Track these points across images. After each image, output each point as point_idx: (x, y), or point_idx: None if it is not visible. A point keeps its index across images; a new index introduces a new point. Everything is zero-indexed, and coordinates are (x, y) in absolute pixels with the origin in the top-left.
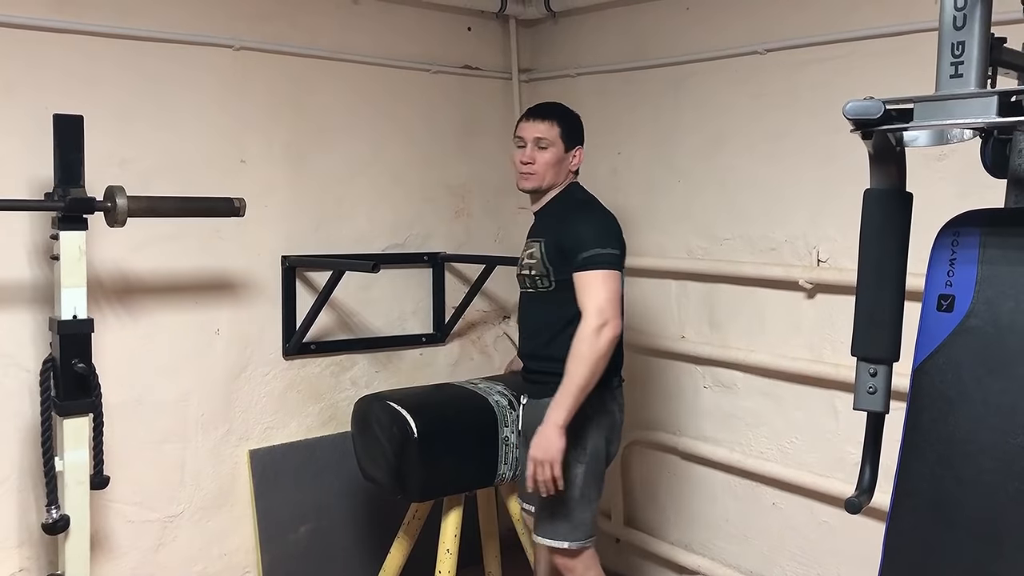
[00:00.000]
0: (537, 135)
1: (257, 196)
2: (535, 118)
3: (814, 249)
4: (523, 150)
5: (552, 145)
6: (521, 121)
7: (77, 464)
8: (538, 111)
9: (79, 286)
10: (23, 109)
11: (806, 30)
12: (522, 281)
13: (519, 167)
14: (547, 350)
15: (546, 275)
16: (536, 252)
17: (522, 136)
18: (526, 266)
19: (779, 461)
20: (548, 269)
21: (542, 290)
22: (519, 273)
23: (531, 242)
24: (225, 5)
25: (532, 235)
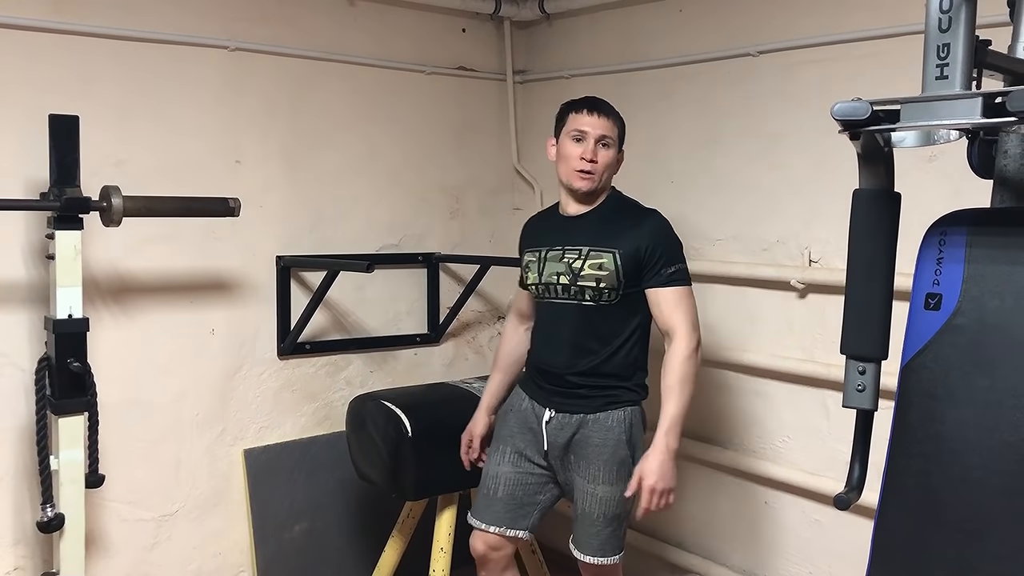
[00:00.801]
0: (603, 132)
1: (252, 196)
2: (599, 113)
3: (806, 249)
4: (581, 145)
5: (613, 145)
6: (578, 113)
7: (72, 463)
8: (600, 106)
9: (74, 285)
10: (20, 109)
11: (799, 32)
12: (573, 292)
13: (575, 164)
14: (606, 366)
15: (617, 288)
16: (609, 263)
17: (583, 131)
18: (589, 276)
19: (771, 460)
20: (621, 281)
21: (604, 303)
22: (564, 283)
23: (594, 251)
24: (221, 6)
25: (581, 242)
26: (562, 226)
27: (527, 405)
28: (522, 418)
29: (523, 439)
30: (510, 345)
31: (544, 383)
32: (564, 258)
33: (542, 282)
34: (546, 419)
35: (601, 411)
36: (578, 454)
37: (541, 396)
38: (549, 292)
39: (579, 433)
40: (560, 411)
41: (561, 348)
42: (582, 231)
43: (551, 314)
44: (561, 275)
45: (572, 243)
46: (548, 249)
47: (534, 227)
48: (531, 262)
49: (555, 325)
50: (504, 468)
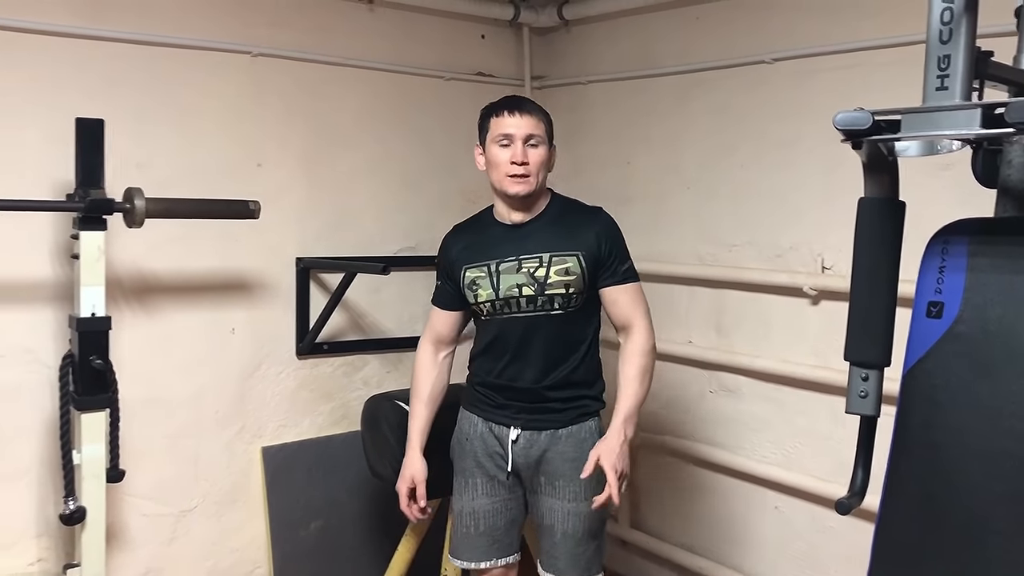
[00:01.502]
0: (529, 131)
1: (272, 199)
2: (521, 112)
3: (819, 256)
4: (509, 150)
5: (543, 143)
6: (499, 116)
7: (94, 458)
8: (521, 105)
9: (98, 285)
10: (47, 112)
11: (814, 39)
12: (540, 302)
13: (507, 169)
14: (575, 375)
15: (583, 291)
16: (575, 266)
17: (508, 133)
18: (558, 283)
19: (782, 465)
20: (587, 283)
21: (572, 309)
22: (529, 294)
23: (556, 256)
24: (243, 13)
25: (538, 248)
26: (509, 235)
27: (483, 428)
28: (481, 443)
29: (492, 466)
30: (429, 377)
31: (507, 400)
32: (522, 268)
33: (500, 297)
34: (512, 438)
35: (573, 424)
36: (550, 473)
37: (503, 415)
38: (509, 307)
39: (550, 450)
40: (528, 428)
41: (529, 363)
42: (536, 238)
43: (512, 330)
44: (523, 286)
45: (527, 251)
46: (499, 261)
47: (466, 240)
48: (479, 278)
49: (520, 340)
50: (480, 502)
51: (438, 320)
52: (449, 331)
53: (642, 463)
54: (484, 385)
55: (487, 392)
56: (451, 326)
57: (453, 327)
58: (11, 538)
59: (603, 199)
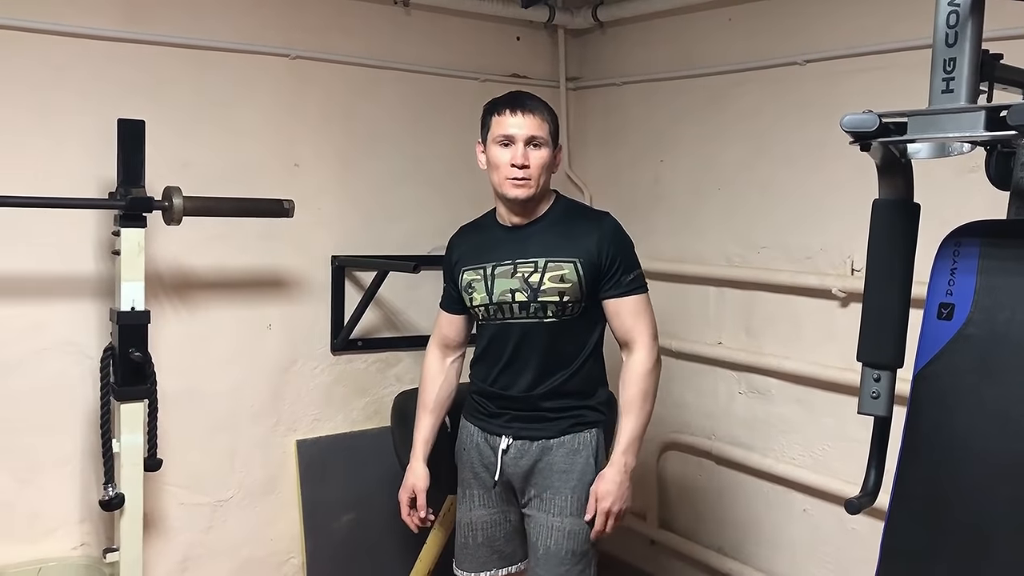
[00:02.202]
0: (531, 132)
1: (310, 199)
2: (523, 111)
3: (848, 258)
4: (510, 150)
5: (545, 144)
6: (501, 115)
7: (132, 447)
8: (524, 103)
9: (137, 280)
10: (93, 114)
11: (846, 41)
12: (533, 309)
13: (506, 171)
14: (569, 385)
15: (580, 300)
16: (571, 273)
17: (509, 135)
18: (551, 290)
19: (810, 468)
20: (584, 292)
21: (567, 318)
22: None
23: (552, 262)
24: (282, 16)
25: (535, 253)
26: (507, 238)
27: (479, 438)
28: (477, 454)
29: (488, 476)
30: (435, 383)
31: (500, 408)
32: (517, 273)
33: (493, 302)
34: (502, 447)
35: (565, 434)
36: (540, 484)
37: (495, 424)
38: (503, 312)
39: (541, 461)
40: (519, 437)
41: (522, 370)
42: (534, 242)
43: (505, 336)
44: (516, 292)
45: (524, 255)
46: (495, 265)
47: (468, 241)
48: (475, 281)
49: (512, 347)
50: (477, 512)
51: (444, 323)
52: (456, 335)
53: (671, 463)
54: (480, 393)
55: (482, 400)
56: (457, 330)
57: (460, 331)
58: (56, 523)
59: (635, 199)
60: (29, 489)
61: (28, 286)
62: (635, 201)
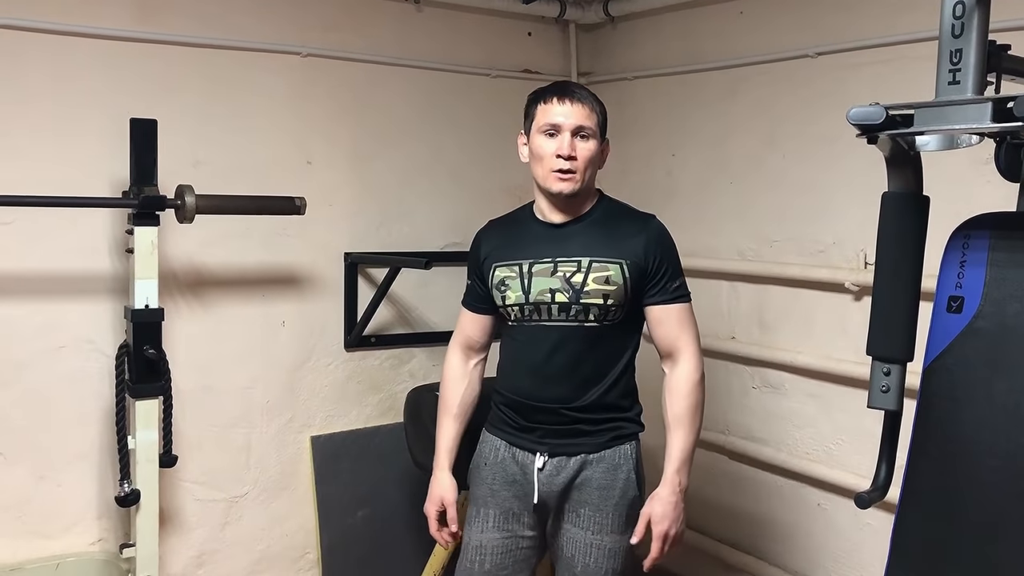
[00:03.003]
0: (579, 122)
1: (322, 196)
2: (572, 100)
3: (861, 252)
4: (555, 141)
5: (594, 136)
6: (547, 103)
7: (147, 443)
8: (573, 92)
9: (151, 278)
10: (106, 113)
11: (857, 33)
12: (574, 311)
13: (551, 163)
14: (609, 396)
15: (623, 304)
16: (616, 275)
17: (556, 123)
18: (595, 292)
19: (824, 462)
20: (628, 296)
21: (608, 323)
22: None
23: (597, 262)
24: (294, 14)
25: (578, 252)
26: (547, 235)
27: (505, 453)
28: (501, 470)
29: (508, 496)
30: (459, 387)
31: (532, 422)
32: (557, 272)
33: (529, 302)
34: (538, 466)
35: (605, 448)
36: (577, 500)
37: (527, 439)
38: (539, 313)
39: (579, 477)
40: (556, 454)
41: (559, 379)
42: (577, 240)
43: (540, 339)
44: (557, 292)
45: (566, 254)
46: (533, 262)
47: (501, 236)
48: (509, 279)
49: (547, 352)
50: (489, 535)
51: (468, 323)
52: (480, 336)
53: None
54: (508, 404)
55: (510, 412)
56: (482, 330)
57: (484, 331)
58: (74, 519)
59: (648, 193)
60: (47, 485)
61: (44, 285)
62: (647, 196)
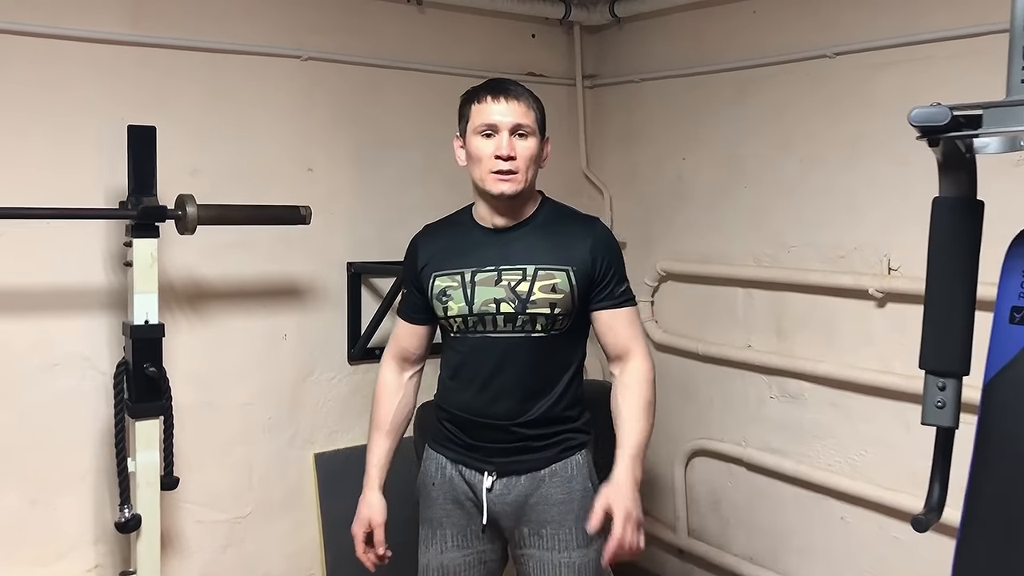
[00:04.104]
0: (516, 120)
1: (323, 203)
2: (507, 97)
3: (885, 257)
4: (493, 141)
5: (532, 134)
6: (481, 103)
7: (148, 465)
8: (507, 89)
9: (151, 292)
10: (100, 120)
11: (878, 32)
12: (520, 322)
13: (490, 164)
14: (557, 408)
15: (570, 312)
16: (563, 283)
17: (491, 123)
18: (542, 301)
19: (847, 475)
20: (576, 305)
21: (555, 332)
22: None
23: (543, 270)
24: (294, 17)
25: (523, 259)
26: (489, 241)
27: (452, 471)
28: (450, 489)
29: (462, 515)
30: (392, 400)
31: (478, 440)
32: (502, 280)
33: (473, 312)
34: (486, 486)
35: (556, 461)
36: (536, 520)
37: (474, 457)
38: (484, 325)
39: (533, 495)
40: (503, 474)
41: (505, 393)
42: (521, 246)
43: (485, 352)
44: (502, 302)
45: (510, 261)
46: (476, 270)
47: (440, 243)
48: (450, 288)
49: (493, 366)
50: (450, 555)
51: (403, 334)
52: (416, 347)
53: (699, 470)
54: (452, 421)
55: (455, 429)
56: (419, 342)
57: (421, 343)
58: (69, 544)
59: (658, 199)
60: (41, 509)
61: (36, 299)
62: (657, 201)
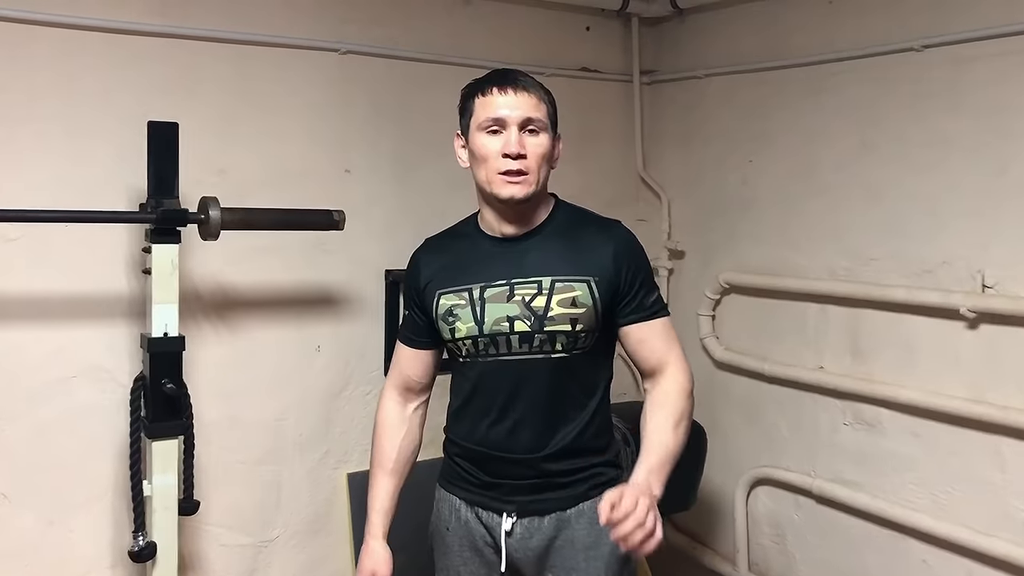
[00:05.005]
0: (526, 114)
1: (361, 207)
2: (516, 88)
3: (979, 273)
4: (501, 138)
5: (544, 129)
6: (486, 95)
7: (165, 489)
8: (515, 80)
9: (171, 302)
10: (120, 116)
11: (972, 22)
12: (538, 341)
13: (498, 164)
14: (583, 439)
15: (594, 328)
16: (584, 296)
17: (499, 117)
18: (561, 317)
19: (930, 513)
20: (599, 320)
21: (578, 351)
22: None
23: (560, 281)
24: (331, 8)
25: (537, 271)
26: (499, 252)
27: (468, 514)
28: (467, 534)
29: (480, 563)
30: (395, 436)
31: (495, 477)
32: (515, 296)
33: (484, 333)
34: (505, 529)
35: (584, 500)
36: (561, 566)
37: (491, 497)
38: (497, 347)
39: (558, 538)
40: (526, 513)
41: (523, 423)
42: (534, 257)
43: (499, 377)
44: (516, 320)
45: (523, 274)
46: (485, 286)
47: (443, 256)
48: (457, 307)
49: (508, 392)
50: None
51: (406, 361)
52: (421, 375)
53: (763, 500)
54: (465, 456)
55: (469, 466)
56: (423, 369)
57: (426, 370)
58: (86, 568)
59: (721, 204)
60: (56, 530)
61: (54, 307)
62: (720, 206)
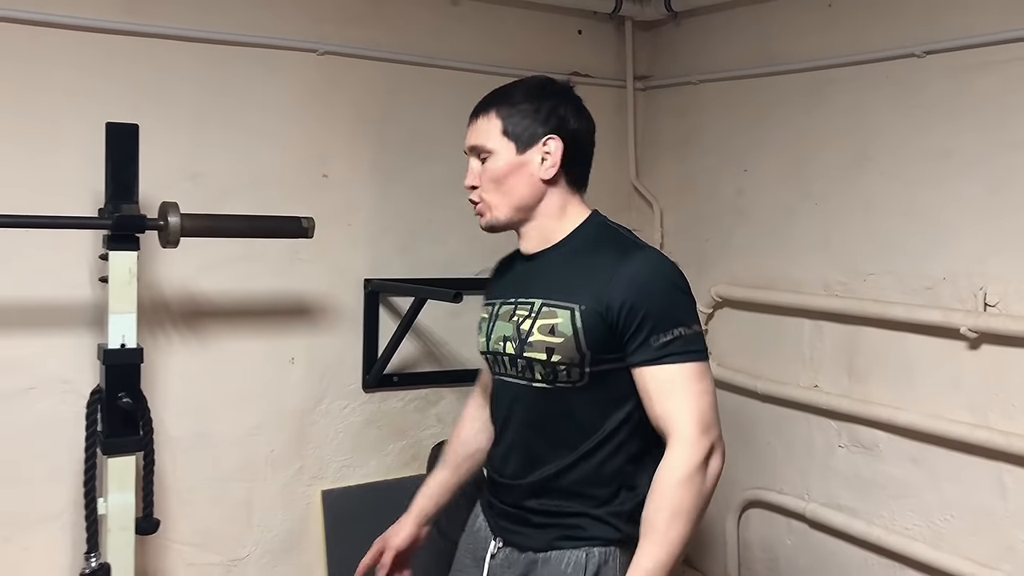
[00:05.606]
0: (472, 143)
1: (340, 214)
2: (475, 115)
3: (981, 290)
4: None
5: (494, 151)
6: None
7: (121, 507)
8: (479, 106)
9: (128, 312)
10: (84, 118)
11: (975, 28)
12: (520, 366)
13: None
14: (562, 481)
15: (578, 363)
16: (564, 325)
17: (465, 150)
18: (537, 345)
19: (929, 542)
20: (584, 354)
21: (563, 385)
22: (511, 353)
23: (547, 306)
24: (309, 6)
25: (535, 292)
26: (522, 270)
27: (480, 524)
28: (473, 541)
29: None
30: (464, 431)
31: (494, 497)
32: (515, 315)
33: (489, 350)
34: (491, 551)
35: (552, 549)
36: None
37: (490, 515)
38: (499, 366)
39: None
40: (508, 544)
41: (514, 448)
42: (542, 276)
43: (499, 397)
44: (508, 341)
45: (526, 294)
46: (501, 302)
47: (501, 269)
48: (482, 321)
49: (505, 413)
50: None
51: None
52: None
53: (754, 523)
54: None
55: (487, 481)
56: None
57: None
58: None
59: (714, 215)
60: (12, 548)
61: (12, 315)
62: (713, 217)
